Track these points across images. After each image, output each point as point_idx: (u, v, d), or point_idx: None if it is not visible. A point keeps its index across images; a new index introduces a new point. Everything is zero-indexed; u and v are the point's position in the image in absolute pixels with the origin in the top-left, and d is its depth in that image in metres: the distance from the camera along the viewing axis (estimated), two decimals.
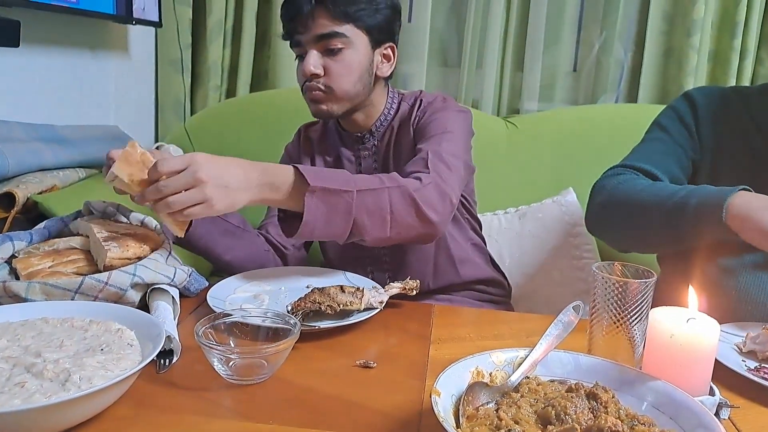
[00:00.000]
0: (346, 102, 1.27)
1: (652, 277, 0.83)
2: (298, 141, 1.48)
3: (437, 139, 1.23)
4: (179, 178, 0.92)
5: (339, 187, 1.02)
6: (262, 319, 0.88)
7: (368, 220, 1.05)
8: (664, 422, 0.67)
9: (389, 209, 1.06)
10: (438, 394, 0.66)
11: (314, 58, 1.23)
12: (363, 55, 1.27)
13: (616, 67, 2.24)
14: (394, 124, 1.36)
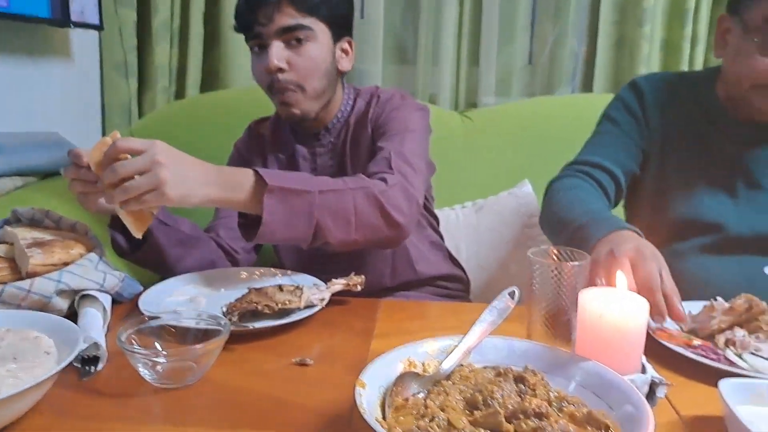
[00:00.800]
0: (317, 101, 1.25)
1: (585, 259, 0.83)
2: (248, 138, 1.44)
3: (399, 138, 1.21)
4: (137, 159, 0.88)
5: (300, 188, 0.99)
6: (196, 321, 0.85)
7: (332, 222, 1.02)
8: (594, 401, 0.67)
9: (353, 211, 1.03)
10: (363, 386, 0.64)
11: (278, 51, 1.18)
12: (326, 49, 1.24)
13: (570, 59, 2.25)
14: (350, 120, 1.33)
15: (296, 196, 0.99)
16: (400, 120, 1.25)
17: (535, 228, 1.81)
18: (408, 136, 1.21)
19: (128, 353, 0.75)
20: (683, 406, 0.77)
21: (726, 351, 0.88)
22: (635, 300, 0.73)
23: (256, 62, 1.24)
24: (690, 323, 0.96)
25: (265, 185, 0.96)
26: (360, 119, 1.32)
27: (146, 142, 0.90)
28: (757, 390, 0.73)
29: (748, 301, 0.93)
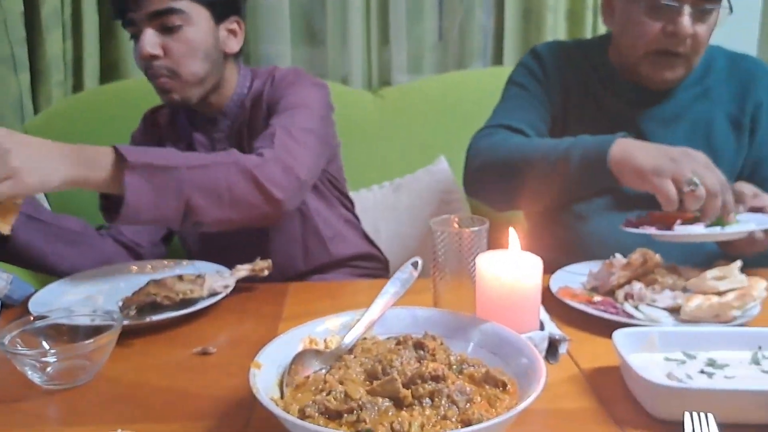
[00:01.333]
0: (197, 86, 1.20)
1: (485, 224, 0.84)
2: (144, 128, 1.38)
3: (289, 113, 1.17)
4: None
5: (165, 163, 0.94)
6: (90, 318, 0.81)
7: (202, 199, 0.96)
8: (492, 360, 0.68)
9: (226, 186, 0.99)
10: (258, 367, 0.63)
11: (150, 38, 1.13)
12: (205, 31, 1.19)
13: (479, 34, 2.28)
14: (246, 102, 1.29)
15: (162, 173, 0.93)
16: (293, 96, 1.22)
17: (453, 204, 1.83)
18: (299, 112, 1.18)
19: (12, 356, 0.71)
20: (584, 360, 0.79)
21: (624, 305, 0.91)
22: (529, 260, 0.75)
23: (135, 49, 1.18)
24: (591, 280, 1.00)
25: (126, 162, 0.91)
26: (256, 101, 1.28)
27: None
28: (648, 338, 0.76)
29: (642, 255, 0.96)
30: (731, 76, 1.25)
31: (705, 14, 1.12)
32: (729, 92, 1.24)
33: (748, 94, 1.24)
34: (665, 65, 1.17)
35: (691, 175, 0.94)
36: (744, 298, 0.85)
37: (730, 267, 0.92)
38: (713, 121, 1.23)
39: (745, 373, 0.71)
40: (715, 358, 0.74)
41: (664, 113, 1.24)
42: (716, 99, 1.24)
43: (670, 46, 1.14)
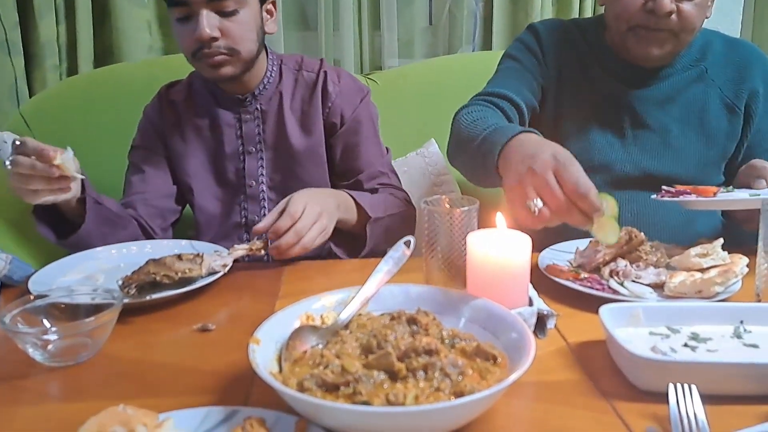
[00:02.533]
0: (247, 63, 1.23)
1: (475, 204, 0.86)
2: (159, 104, 1.38)
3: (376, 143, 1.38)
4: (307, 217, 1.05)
5: (380, 215, 1.21)
6: (91, 297, 0.83)
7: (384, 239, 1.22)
8: (483, 335, 0.70)
9: (398, 229, 1.24)
10: (257, 342, 0.65)
11: (211, 20, 1.15)
12: (255, 12, 1.22)
13: (469, 18, 2.29)
14: (282, 89, 1.32)
15: (378, 223, 1.21)
16: (369, 122, 1.37)
17: (443, 186, 1.85)
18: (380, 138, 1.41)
19: (13, 334, 0.72)
20: (571, 334, 0.82)
21: (610, 281, 0.94)
22: (518, 238, 0.77)
23: (182, 29, 1.18)
24: (578, 258, 1.02)
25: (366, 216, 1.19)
26: (305, 92, 1.33)
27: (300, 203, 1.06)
28: (633, 313, 0.79)
29: (628, 233, 0.99)
30: (728, 60, 1.27)
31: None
32: (725, 76, 1.26)
33: (744, 80, 1.25)
34: (651, 40, 1.18)
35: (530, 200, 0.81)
36: (726, 275, 0.88)
37: (712, 244, 0.95)
38: (707, 103, 1.25)
39: (727, 346, 0.74)
40: (698, 332, 0.76)
41: (659, 94, 1.26)
42: (711, 82, 1.26)
43: (652, 23, 1.15)
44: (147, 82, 1.80)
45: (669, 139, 1.25)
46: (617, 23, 1.21)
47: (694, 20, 1.16)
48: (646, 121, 1.26)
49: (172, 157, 1.35)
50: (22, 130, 1.77)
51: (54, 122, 1.82)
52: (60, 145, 1.79)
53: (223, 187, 1.36)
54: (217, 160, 1.34)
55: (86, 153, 1.79)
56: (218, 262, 0.98)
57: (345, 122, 1.32)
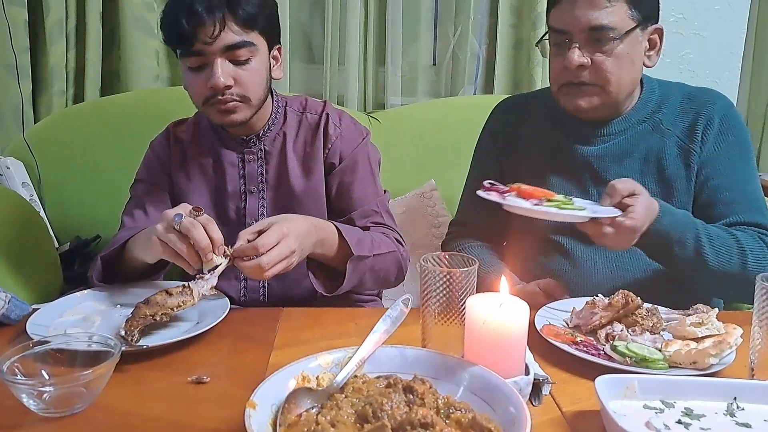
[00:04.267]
0: (256, 109, 1.26)
1: (474, 265, 0.87)
2: (167, 140, 1.38)
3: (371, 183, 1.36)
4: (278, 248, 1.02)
5: (364, 254, 1.18)
6: (87, 344, 0.83)
7: (371, 281, 1.23)
8: (480, 406, 0.70)
9: (385, 273, 1.25)
10: (254, 407, 0.65)
11: (226, 69, 1.17)
12: (265, 60, 1.24)
13: (472, 60, 2.32)
14: (286, 130, 1.34)
15: (362, 261, 1.18)
16: (366, 162, 1.36)
17: (442, 227, 1.86)
18: (377, 181, 1.38)
19: (9, 384, 0.72)
20: (566, 402, 0.82)
21: (605, 346, 0.94)
22: (516, 305, 0.78)
23: (194, 78, 1.20)
24: (574, 319, 1.03)
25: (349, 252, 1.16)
26: (307, 134, 1.34)
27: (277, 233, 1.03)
28: (629, 385, 0.79)
29: (624, 297, 1.00)
30: (685, 109, 1.28)
31: (598, 44, 1.18)
32: (682, 124, 1.27)
33: (698, 123, 1.26)
34: (575, 95, 1.23)
35: None
36: (721, 345, 0.88)
37: (708, 314, 0.96)
38: (664, 154, 1.26)
39: (720, 423, 0.75)
40: (692, 408, 0.77)
41: (616, 150, 1.29)
42: (667, 131, 1.27)
43: (571, 77, 1.21)
44: (152, 112, 1.82)
45: None
46: (552, 86, 1.28)
47: (611, 71, 1.20)
48: (607, 177, 1.27)
49: (175, 193, 1.35)
50: (26, 155, 1.78)
51: (58, 148, 1.83)
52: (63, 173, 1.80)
53: (224, 225, 1.36)
54: (219, 198, 1.35)
55: (87, 180, 1.82)
56: (205, 287, 0.98)
57: (342, 161, 1.33)
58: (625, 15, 1.18)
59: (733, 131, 1.26)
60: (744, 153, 1.27)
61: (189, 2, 1.14)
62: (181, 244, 0.98)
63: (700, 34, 2.22)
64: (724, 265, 1.12)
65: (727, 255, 1.13)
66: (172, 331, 0.96)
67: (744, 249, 1.14)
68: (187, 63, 1.20)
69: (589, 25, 1.17)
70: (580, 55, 1.18)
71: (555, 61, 1.24)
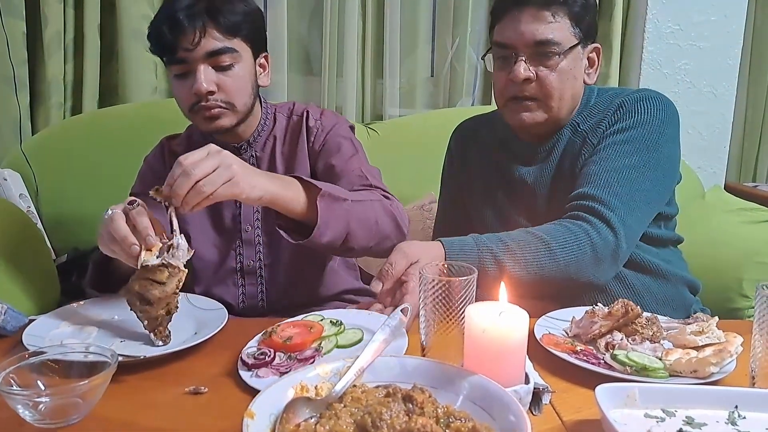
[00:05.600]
0: (242, 115, 1.27)
1: (473, 274, 0.86)
2: (161, 154, 1.41)
3: (356, 159, 1.32)
4: (206, 160, 0.94)
5: (339, 195, 1.08)
6: (84, 354, 0.82)
7: (359, 229, 1.12)
8: (480, 415, 0.70)
9: (375, 220, 1.15)
10: (252, 416, 0.64)
11: (208, 75, 1.19)
12: (249, 66, 1.26)
13: (470, 72, 2.34)
14: (276, 133, 1.36)
15: (337, 203, 1.08)
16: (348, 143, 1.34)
17: None
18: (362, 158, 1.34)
19: (5, 395, 0.72)
20: (566, 411, 0.81)
21: (605, 355, 0.94)
22: (516, 314, 0.77)
23: (180, 85, 1.23)
24: (574, 328, 1.02)
25: (314, 190, 1.06)
26: (291, 135, 1.36)
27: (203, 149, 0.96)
28: (629, 393, 0.78)
29: (624, 305, 0.99)
30: (598, 108, 1.29)
31: (543, 58, 1.20)
32: (593, 122, 1.28)
33: (606, 114, 1.27)
34: (519, 109, 1.25)
35: None
36: (721, 354, 0.88)
37: (708, 323, 0.96)
38: (581, 153, 1.27)
39: (722, 430, 0.74)
40: (693, 416, 0.76)
41: (549, 166, 1.31)
42: (581, 132, 1.29)
43: (517, 91, 1.23)
44: (149, 124, 1.83)
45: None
46: (498, 101, 1.30)
47: (555, 86, 1.22)
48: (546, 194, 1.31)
49: None
50: (23, 167, 1.78)
51: (56, 159, 1.84)
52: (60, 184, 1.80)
53: (220, 233, 1.37)
54: (214, 207, 1.35)
55: (84, 192, 1.82)
56: (182, 253, 0.97)
57: (324, 146, 1.34)
58: (568, 31, 1.21)
59: (631, 118, 1.23)
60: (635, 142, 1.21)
61: (171, 11, 1.17)
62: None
63: (697, 45, 2.23)
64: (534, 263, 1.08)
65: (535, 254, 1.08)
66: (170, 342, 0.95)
67: (544, 240, 1.09)
68: (173, 71, 1.23)
69: (534, 39, 1.19)
70: (525, 68, 1.20)
71: (500, 75, 1.26)
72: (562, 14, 1.20)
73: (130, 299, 0.96)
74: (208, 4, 1.18)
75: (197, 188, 0.92)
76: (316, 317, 0.99)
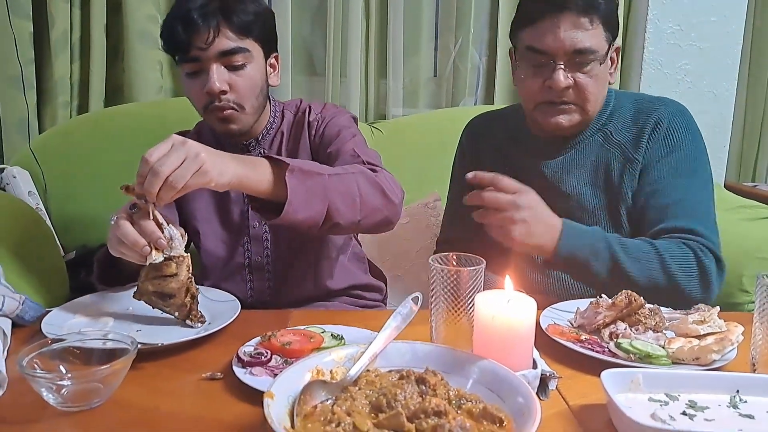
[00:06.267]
0: (253, 116, 1.29)
1: (481, 264, 0.89)
2: None
3: (352, 141, 1.30)
4: (172, 153, 0.91)
5: (314, 170, 1.05)
6: (102, 342, 0.84)
7: (341, 203, 1.07)
8: (490, 397, 0.72)
9: (358, 192, 1.10)
10: (272, 397, 0.67)
11: (221, 75, 1.21)
12: (261, 67, 1.28)
13: (473, 72, 2.36)
14: (283, 129, 1.38)
15: (311, 178, 1.04)
16: (347, 129, 1.34)
17: None
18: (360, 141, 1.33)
19: (30, 378, 0.74)
20: (572, 396, 0.84)
21: (610, 344, 0.96)
22: (524, 300, 0.80)
23: (192, 84, 1.24)
24: (578, 319, 1.05)
25: (283, 167, 1.01)
26: (296, 130, 1.38)
27: (166, 140, 0.93)
28: (634, 379, 0.81)
29: (628, 296, 1.02)
30: (634, 120, 1.31)
31: (582, 66, 1.21)
32: (629, 134, 1.30)
33: (644, 132, 1.28)
34: (554, 113, 1.25)
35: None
36: (723, 342, 0.90)
37: (710, 312, 0.98)
38: (612, 163, 1.29)
39: (724, 415, 0.76)
40: (695, 400, 0.79)
41: (569, 161, 1.32)
42: (615, 142, 1.30)
43: (552, 97, 1.23)
44: (155, 123, 1.85)
45: (583, 202, 1.30)
46: (526, 103, 1.30)
47: (591, 91, 1.23)
48: (560, 188, 1.32)
49: (180, 200, 1.38)
50: (32, 165, 1.80)
51: (63, 158, 1.85)
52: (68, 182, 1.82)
53: (228, 229, 1.39)
54: (222, 203, 1.38)
55: (92, 190, 1.83)
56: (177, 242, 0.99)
57: (323, 134, 1.36)
58: (602, 37, 1.22)
59: (677, 138, 1.27)
60: (688, 160, 1.26)
61: (185, 10, 1.19)
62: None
63: (698, 45, 2.26)
64: (646, 273, 1.13)
65: (647, 263, 1.13)
66: (185, 330, 0.97)
67: (662, 255, 1.14)
68: (185, 69, 1.24)
69: (574, 48, 1.19)
70: (565, 76, 1.20)
71: (533, 81, 1.24)
72: (597, 20, 1.20)
73: (149, 300, 0.99)
74: (222, 4, 1.20)
75: (168, 184, 0.91)
76: (318, 329, 0.98)
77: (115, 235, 0.97)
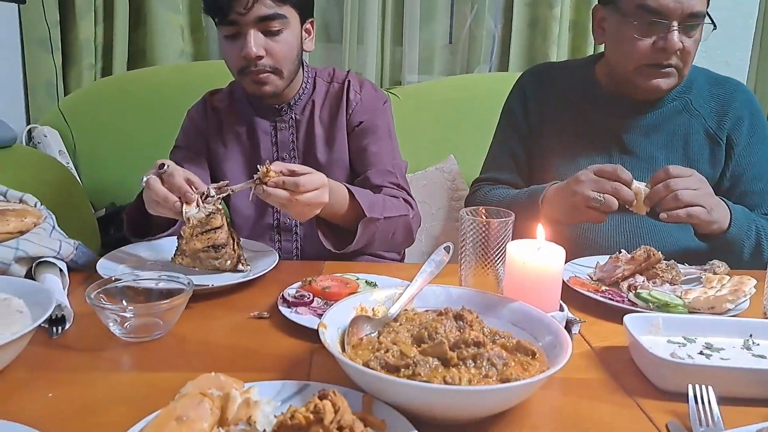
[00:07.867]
0: (288, 81, 1.32)
1: (510, 216, 0.94)
2: (203, 109, 1.45)
3: (389, 146, 1.42)
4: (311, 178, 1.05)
5: (374, 216, 1.21)
6: (156, 282, 0.90)
7: (379, 242, 1.26)
8: (521, 335, 0.78)
9: (392, 234, 1.28)
10: (325, 327, 0.73)
11: (258, 40, 1.23)
12: (297, 33, 1.30)
13: (488, 39, 2.38)
14: (315, 98, 1.41)
15: (373, 223, 1.21)
16: (386, 126, 1.43)
17: (461, 200, 1.93)
18: (395, 146, 1.44)
19: (98, 309, 0.80)
20: (594, 339, 0.90)
21: (629, 294, 1.02)
22: (552, 249, 0.85)
23: (229, 46, 1.27)
24: (598, 272, 1.10)
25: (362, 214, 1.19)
26: (330, 101, 1.41)
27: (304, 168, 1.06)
28: (654, 323, 0.87)
29: (646, 251, 1.07)
30: (712, 94, 1.35)
31: (691, 29, 1.23)
32: (709, 108, 1.34)
33: (726, 113, 1.33)
34: (658, 76, 1.26)
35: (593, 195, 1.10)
36: (737, 293, 0.96)
37: (722, 268, 1.04)
38: (691, 133, 1.33)
39: (738, 355, 0.82)
40: (711, 343, 0.85)
41: (645, 124, 1.35)
42: (696, 113, 1.34)
43: (662, 59, 1.24)
44: (177, 86, 1.89)
45: (655, 165, 1.31)
46: (624, 63, 1.28)
47: (693, 54, 1.26)
48: (633, 149, 1.35)
49: (212, 159, 1.42)
50: (61, 125, 1.85)
51: (90, 119, 1.90)
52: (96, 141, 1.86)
53: None
54: (253, 165, 1.42)
55: (119, 148, 1.89)
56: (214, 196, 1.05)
57: (361, 125, 1.40)
58: (706, 4, 1.24)
59: (761, 123, 1.34)
60: None
61: None
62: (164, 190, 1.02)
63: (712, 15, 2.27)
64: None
65: None
66: (229, 275, 1.04)
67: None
68: (223, 32, 1.27)
69: (691, 10, 1.20)
70: (680, 38, 1.21)
71: (641, 41, 1.23)
72: None
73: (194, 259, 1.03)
74: None
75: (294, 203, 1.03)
76: (352, 276, 1.05)
77: (148, 195, 1.02)
